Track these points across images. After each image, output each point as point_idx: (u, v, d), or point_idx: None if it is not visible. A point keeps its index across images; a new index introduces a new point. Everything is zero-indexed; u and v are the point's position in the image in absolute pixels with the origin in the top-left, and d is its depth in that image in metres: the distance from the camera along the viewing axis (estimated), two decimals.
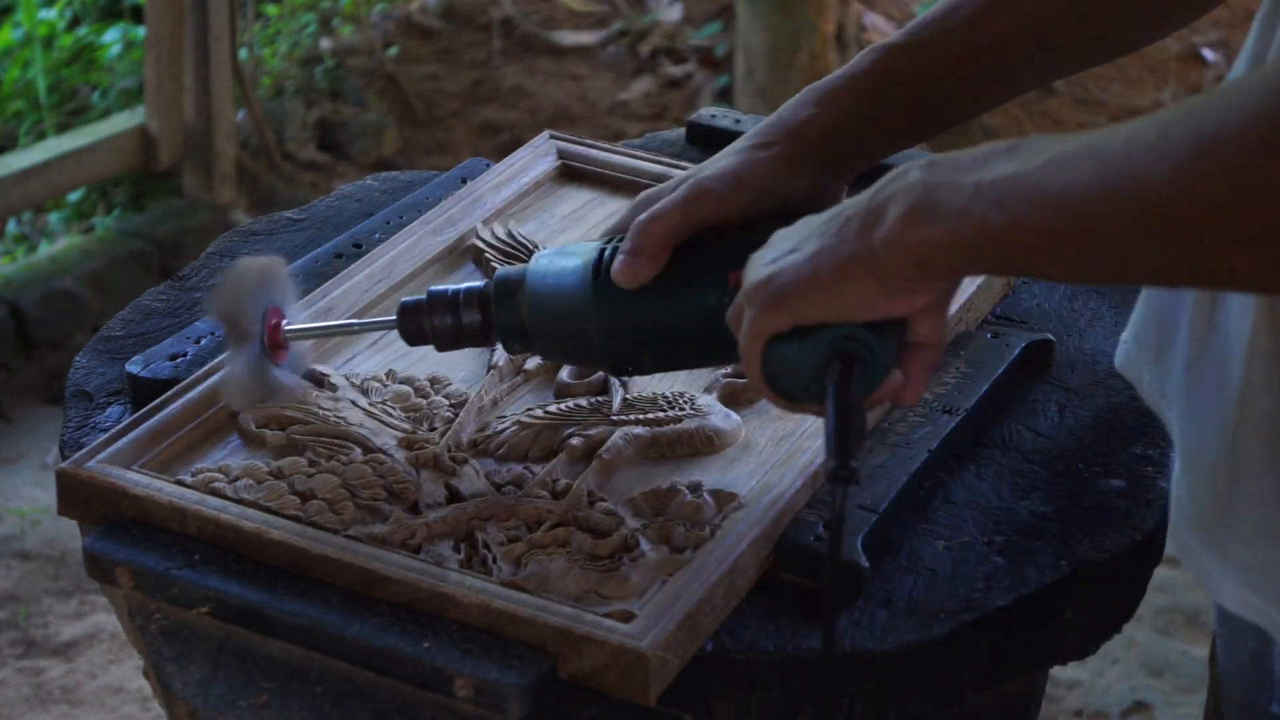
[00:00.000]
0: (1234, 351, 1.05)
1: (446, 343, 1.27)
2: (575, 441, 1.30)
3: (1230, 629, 1.16)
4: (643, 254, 1.19)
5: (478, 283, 1.26)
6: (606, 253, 1.21)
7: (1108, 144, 0.93)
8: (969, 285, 1.44)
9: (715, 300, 1.18)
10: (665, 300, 1.20)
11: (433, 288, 1.27)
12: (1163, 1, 1.25)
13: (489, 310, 1.25)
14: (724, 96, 4.26)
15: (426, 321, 1.26)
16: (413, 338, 1.28)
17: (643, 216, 1.21)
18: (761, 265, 1.10)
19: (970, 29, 1.25)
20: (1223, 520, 1.06)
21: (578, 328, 1.21)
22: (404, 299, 1.28)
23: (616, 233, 1.26)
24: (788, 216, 1.18)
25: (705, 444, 1.31)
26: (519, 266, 1.26)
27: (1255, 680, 1.13)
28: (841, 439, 1.05)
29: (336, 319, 1.41)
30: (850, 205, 1.06)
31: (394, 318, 1.28)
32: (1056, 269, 1.00)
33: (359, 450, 1.29)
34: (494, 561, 1.19)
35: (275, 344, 1.30)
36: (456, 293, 1.26)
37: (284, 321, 1.31)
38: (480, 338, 1.26)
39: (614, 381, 1.37)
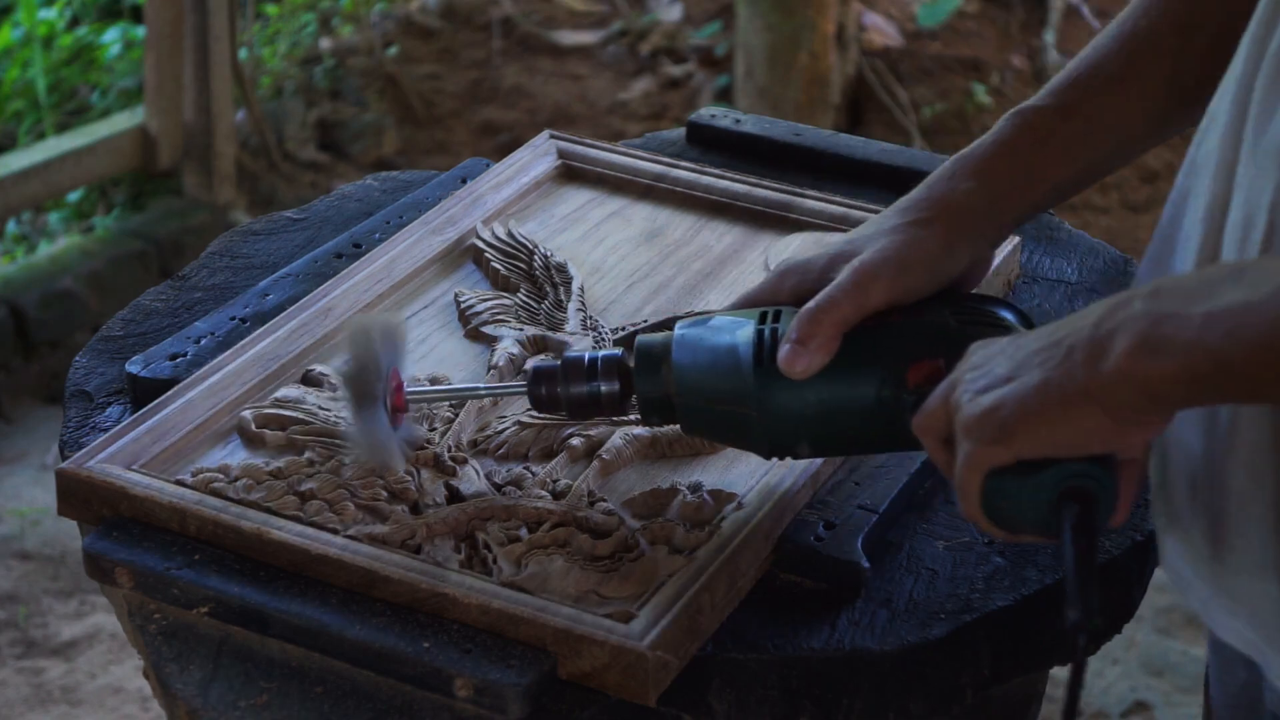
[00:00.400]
0: None
1: (581, 411, 1.23)
2: (575, 441, 1.30)
3: (1222, 658, 1.15)
4: (812, 344, 1.16)
5: (615, 350, 1.23)
6: (767, 334, 1.18)
7: None
8: None
9: (888, 394, 1.15)
10: (833, 391, 1.16)
11: (568, 354, 1.24)
12: None
13: (629, 380, 1.21)
14: (724, 96, 4.25)
15: (561, 389, 1.22)
16: (543, 405, 1.23)
17: (811, 305, 1.17)
18: (976, 393, 1.05)
19: (1115, 86, 1.23)
20: (1215, 551, 1.05)
21: (736, 412, 1.18)
22: (536, 363, 1.25)
23: (757, 303, 1.22)
24: (947, 293, 1.18)
25: (705, 444, 1.31)
26: (660, 336, 1.21)
27: (1246, 711, 1.13)
28: (1085, 587, 1.00)
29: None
30: (1071, 334, 1.01)
31: (524, 383, 1.24)
32: None
33: None
34: (494, 561, 1.19)
35: (397, 407, 1.24)
36: (594, 360, 1.22)
37: (405, 385, 1.25)
38: (617, 407, 1.22)
39: None
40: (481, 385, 1.33)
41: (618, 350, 1.23)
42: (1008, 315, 1.19)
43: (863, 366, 1.16)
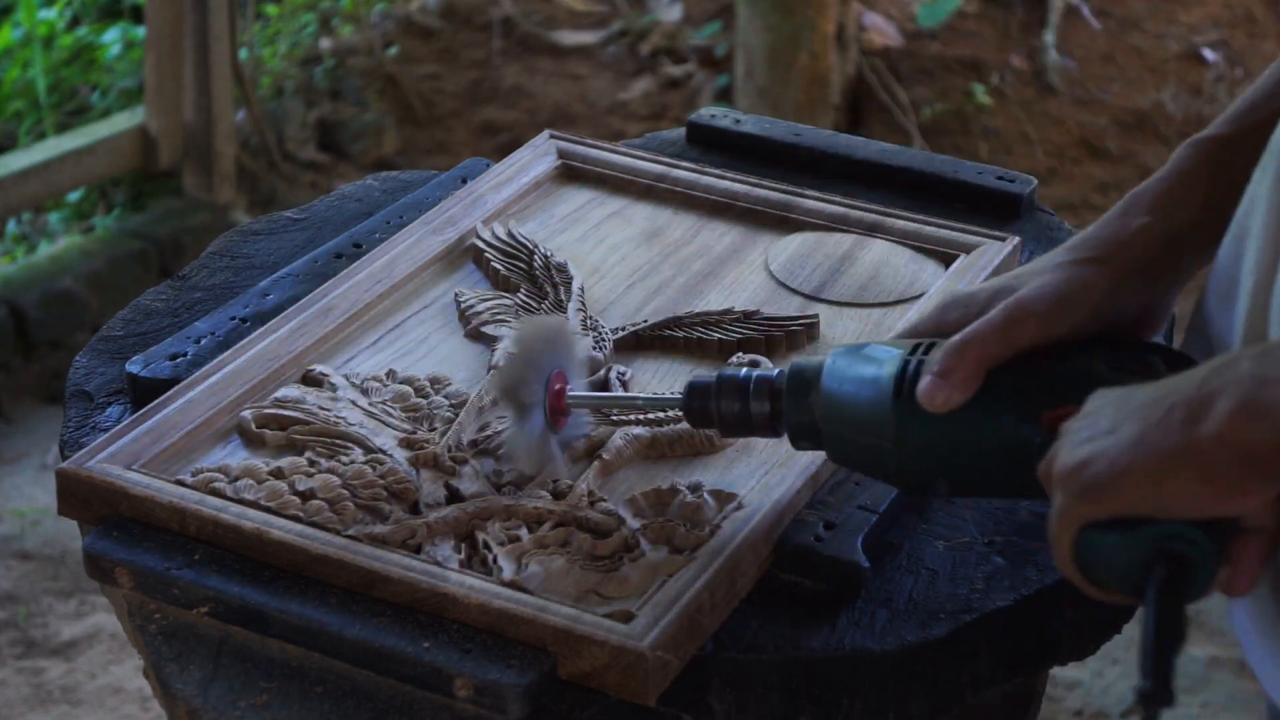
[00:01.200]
0: None
1: (732, 429, 1.22)
2: (575, 442, 1.30)
3: None
4: (954, 379, 1.11)
5: (770, 371, 1.21)
6: (911, 366, 1.14)
7: None
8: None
9: (1025, 437, 1.10)
10: (970, 429, 1.12)
11: (724, 370, 1.22)
12: None
13: (780, 402, 1.19)
14: (724, 96, 4.26)
15: (714, 404, 1.21)
16: (697, 419, 1.23)
17: (957, 338, 1.12)
18: (1075, 445, 1.00)
19: None
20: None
21: (873, 443, 1.14)
22: (692, 378, 1.23)
23: (919, 334, 1.19)
24: (1109, 338, 1.12)
25: (705, 444, 1.31)
26: (815, 360, 1.19)
27: None
28: (1161, 656, 0.95)
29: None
30: (1175, 391, 0.97)
31: (680, 395, 1.23)
32: None
33: (359, 450, 1.29)
34: (494, 561, 1.19)
35: (557, 410, 1.25)
36: (748, 378, 1.20)
37: (568, 388, 1.26)
38: (767, 429, 1.20)
39: (614, 381, 1.37)
40: (640, 396, 1.35)
41: (773, 370, 1.21)
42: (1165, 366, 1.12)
43: (1000, 406, 1.11)
